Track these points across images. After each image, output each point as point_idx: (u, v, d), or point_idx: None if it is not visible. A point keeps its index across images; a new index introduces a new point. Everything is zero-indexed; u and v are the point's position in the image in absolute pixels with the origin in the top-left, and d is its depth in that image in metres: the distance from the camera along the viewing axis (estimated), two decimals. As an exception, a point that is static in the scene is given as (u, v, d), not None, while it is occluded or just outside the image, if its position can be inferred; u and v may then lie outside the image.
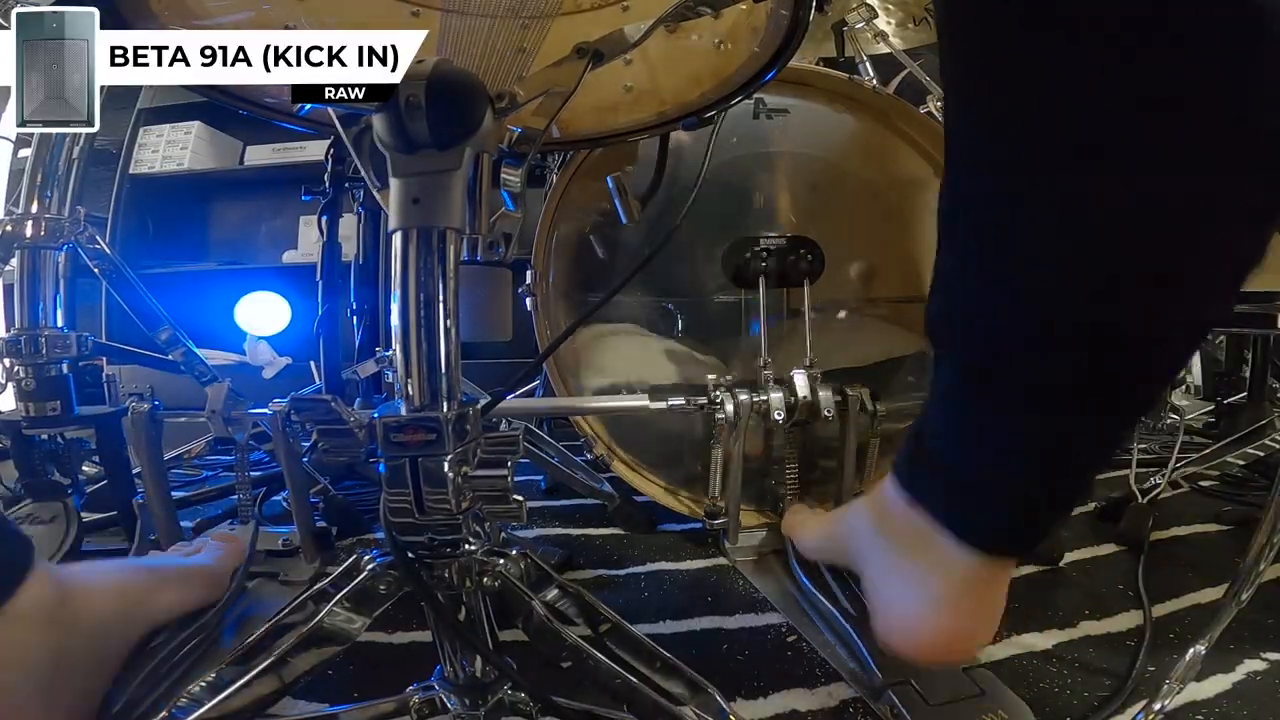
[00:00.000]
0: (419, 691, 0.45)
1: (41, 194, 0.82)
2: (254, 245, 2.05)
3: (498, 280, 0.62)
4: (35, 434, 0.83)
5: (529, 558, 0.49)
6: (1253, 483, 0.99)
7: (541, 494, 1.04)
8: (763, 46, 0.54)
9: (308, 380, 1.24)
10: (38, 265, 0.82)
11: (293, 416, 0.67)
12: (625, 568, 0.78)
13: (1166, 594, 0.68)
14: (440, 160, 0.39)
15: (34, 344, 0.80)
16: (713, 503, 0.81)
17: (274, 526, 0.77)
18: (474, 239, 0.43)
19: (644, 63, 0.58)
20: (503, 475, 0.40)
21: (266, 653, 0.43)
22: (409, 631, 0.61)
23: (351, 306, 1.08)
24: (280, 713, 0.47)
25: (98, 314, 1.64)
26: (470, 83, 0.39)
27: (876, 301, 0.89)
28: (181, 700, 0.44)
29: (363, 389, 1.06)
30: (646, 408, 0.78)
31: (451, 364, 0.40)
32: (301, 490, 0.73)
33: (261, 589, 0.71)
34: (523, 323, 0.82)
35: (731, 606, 0.69)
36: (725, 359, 0.88)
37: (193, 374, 0.92)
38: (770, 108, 0.86)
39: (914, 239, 0.89)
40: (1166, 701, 0.49)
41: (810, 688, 0.55)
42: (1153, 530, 0.81)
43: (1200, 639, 0.50)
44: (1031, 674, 0.56)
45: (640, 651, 0.47)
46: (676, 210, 0.77)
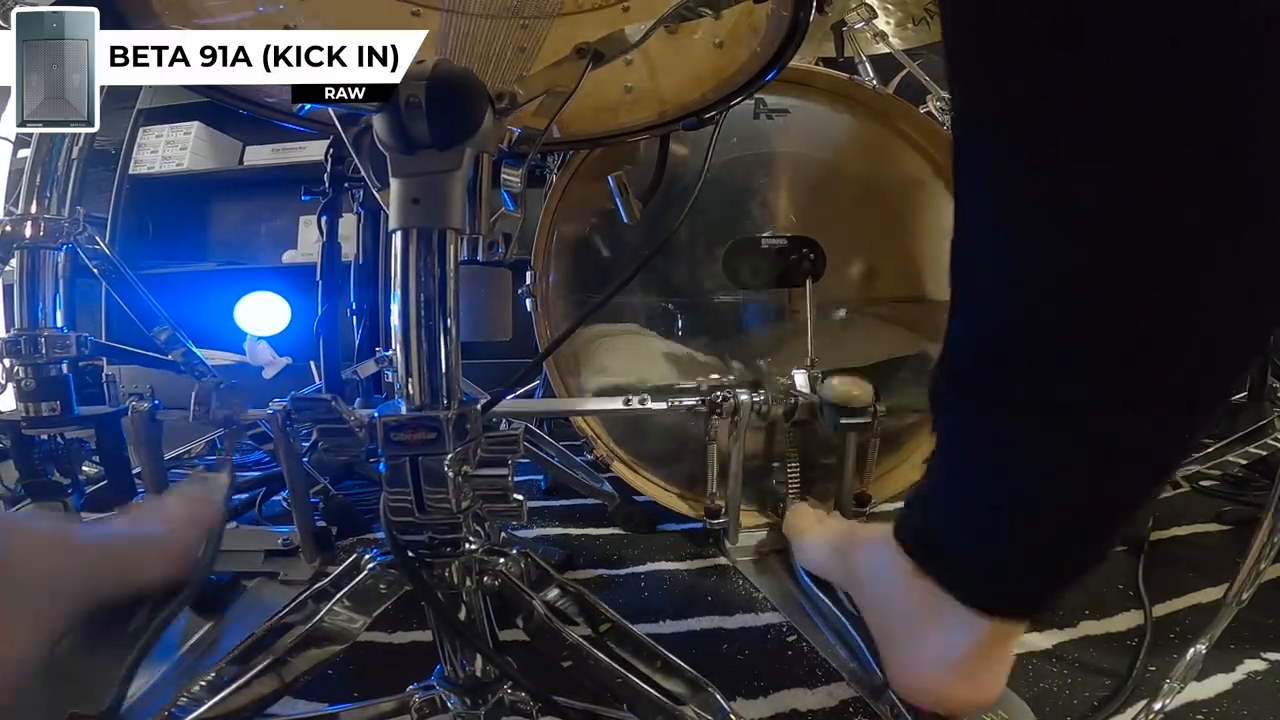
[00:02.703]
0: (419, 691, 0.45)
1: (41, 194, 0.82)
2: (254, 245, 2.05)
3: (498, 280, 0.62)
4: (35, 434, 0.83)
5: (529, 557, 0.49)
6: (1253, 483, 0.99)
7: (541, 494, 1.04)
8: (763, 47, 0.54)
9: (308, 380, 1.23)
10: (37, 266, 0.82)
11: (293, 416, 0.67)
12: (625, 568, 0.78)
13: (1166, 594, 0.68)
14: (440, 160, 0.39)
15: (34, 344, 0.80)
16: (712, 501, 0.81)
17: (274, 526, 0.77)
18: (474, 239, 0.43)
19: (644, 63, 0.58)
20: (503, 475, 0.40)
21: (266, 652, 0.43)
22: (409, 631, 0.61)
23: (351, 306, 1.08)
24: (280, 712, 0.47)
25: (98, 314, 1.64)
26: (470, 83, 0.39)
27: (877, 301, 0.89)
28: (181, 700, 0.44)
29: (363, 389, 1.06)
30: (646, 408, 0.78)
31: (451, 364, 0.40)
32: (301, 490, 0.73)
33: (261, 589, 0.71)
34: (523, 323, 0.82)
35: (731, 606, 0.69)
36: (725, 359, 0.88)
37: (193, 374, 0.92)
38: (771, 108, 0.86)
39: (914, 239, 0.89)
40: (1166, 701, 0.49)
41: (810, 687, 0.55)
42: (1153, 530, 0.81)
43: (1200, 639, 0.50)
44: (1032, 674, 0.56)
45: (640, 651, 0.47)
46: (677, 210, 0.77)
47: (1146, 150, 0.29)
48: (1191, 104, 0.27)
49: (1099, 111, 0.29)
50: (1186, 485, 1.01)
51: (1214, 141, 0.28)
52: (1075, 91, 0.29)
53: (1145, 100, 0.28)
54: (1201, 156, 0.28)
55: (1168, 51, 0.27)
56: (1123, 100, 0.28)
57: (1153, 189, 0.29)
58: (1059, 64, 0.29)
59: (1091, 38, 0.28)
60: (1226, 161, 0.28)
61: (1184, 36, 0.27)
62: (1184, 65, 0.27)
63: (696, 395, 0.79)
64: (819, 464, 0.87)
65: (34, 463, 0.84)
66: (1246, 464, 0.95)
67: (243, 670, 0.43)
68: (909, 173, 0.88)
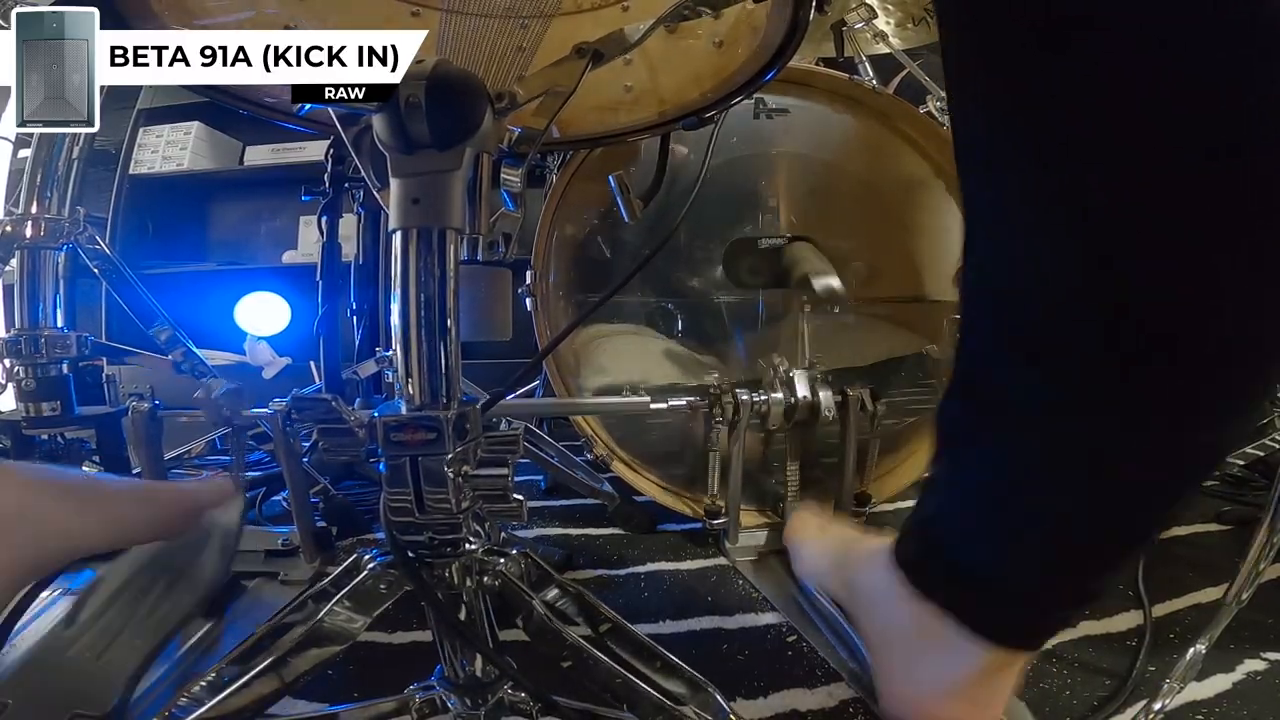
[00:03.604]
0: (419, 691, 0.45)
1: (41, 194, 0.82)
2: (254, 245, 2.05)
3: (498, 280, 0.62)
4: (35, 434, 0.83)
5: (529, 557, 0.49)
6: (1253, 483, 0.99)
7: (541, 494, 1.04)
8: (763, 46, 0.54)
9: (308, 380, 1.23)
10: (38, 266, 0.82)
11: (293, 416, 0.67)
12: (625, 568, 0.78)
13: (1166, 594, 0.68)
14: (440, 160, 0.39)
15: (34, 344, 0.80)
16: (712, 502, 0.81)
17: (274, 526, 0.77)
18: (474, 239, 0.43)
19: (644, 63, 0.58)
20: (503, 475, 0.40)
21: (266, 652, 0.43)
22: (409, 631, 0.61)
23: (351, 306, 1.08)
24: (280, 713, 0.47)
25: (98, 314, 1.64)
26: (470, 83, 0.39)
27: (876, 301, 0.89)
28: (181, 700, 0.43)
29: (363, 389, 1.06)
30: (646, 408, 0.78)
31: (451, 364, 0.40)
32: (301, 490, 0.73)
33: (261, 589, 0.71)
34: (523, 323, 0.82)
35: (731, 606, 0.69)
36: (725, 359, 0.88)
37: (193, 374, 0.92)
38: (770, 107, 0.86)
39: (914, 239, 0.89)
40: (1166, 701, 0.49)
41: (810, 688, 0.55)
42: (1153, 530, 0.81)
43: (1200, 639, 0.50)
44: (1031, 674, 0.56)
45: (640, 651, 0.47)
46: (677, 210, 0.77)
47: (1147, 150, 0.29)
48: (1194, 105, 0.27)
49: (1096, 112, 0.29)
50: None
51: (1224, 141, 0.27)
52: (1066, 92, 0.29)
53: (1138, 101, 0.28)
54: (1210, 156, 0.28)
55: (1157, 53, 0.27)
56: (1117, 101, 0.28)
57: (1160, 189, 0.29)
58: (1046, 65, 0.29)
59: (1079, 39, 0.28)
60: (1236, 160, 0.28)
61: (1177, 38, 0.27)
62: (1175, 66, 0.27)
63: (696, 395, 0.79)
64: (819, 464, 0.87)
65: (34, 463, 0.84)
66: (1246, 464, 0.95)
67: (243, 670, 0.43)
68: (909, 173, 0.89)
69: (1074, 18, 0.28)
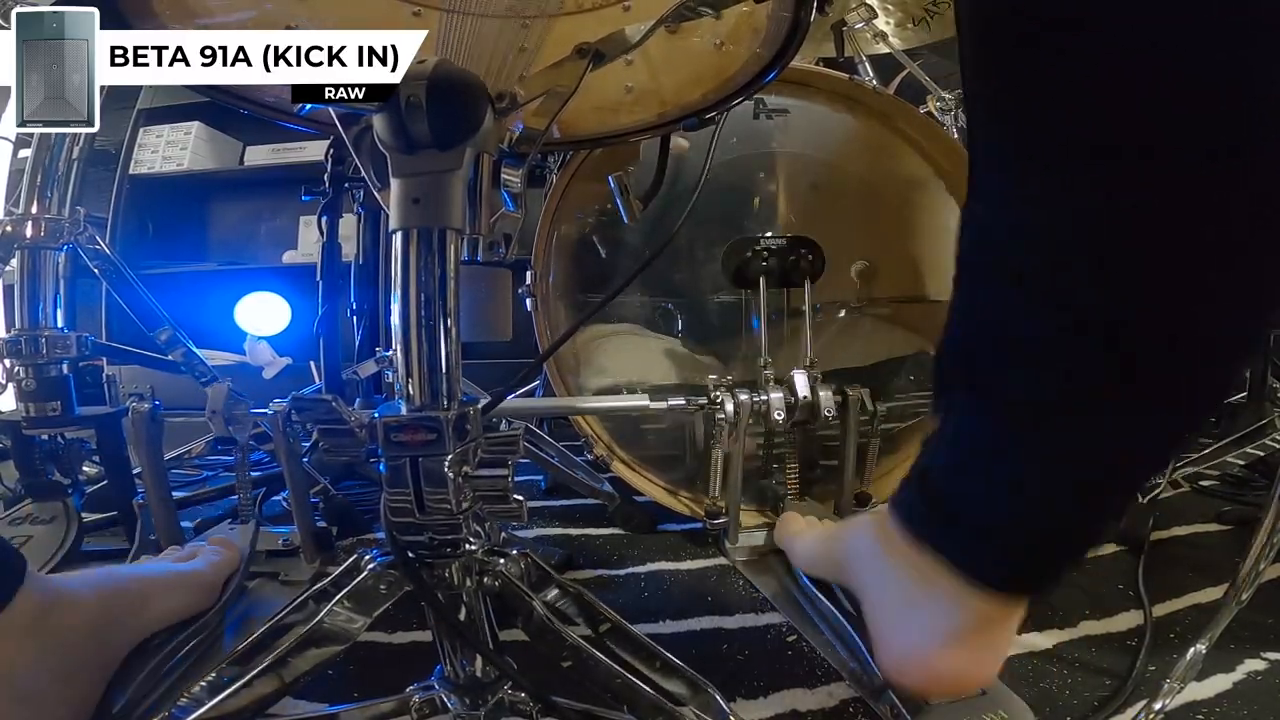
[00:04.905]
0: (419, 691, 0.45)
1: (41, 194, 0.82)
2: (254, 245, 2.05)
3: (498, 280, 0.62)
4: (35, 434, 0.83)
5: (529, 558, 0.49)
6: (1253, 483, 0.99)
7: (541, 494, 1.04)
8: (764, 47, 0.54)
9: (308, 380, 1.24)
10: (38, 266, 0.82)
11: (293, 416, 0.67)
12: (625, 568, 0.78)
13: (1166, 594, 0.68)
14: (441, 160, 0.39)
15: (34, 344, 0.80)
16: (713, 502, 0.81)
17: (274, 526, 0.77)
18: (474, 239, 0.43)
19: (645, 63, 0.58)
20: (503, 475, 0.40)
21: (266, 653, 0.43)
22: (409, 631, 0.61)
23: (351, 306, 1.08)
24: (280, 713, 0.47)
25: (98, 314, 1.64)
26: (471, 83, 0.39)
27: (877, 301, 0.89)
28: (181, 700, 0.44)
29: (363, 389, 1.06)
30: (646, 408, 0.78)
31: (451, 364, 0.40)
32: (301, 490, 0.73)
33: (261, 589, 0.71)
34: (523, 323, 0.82)
35: (731, 606, 0.69)
36: (725, 359, 0.88)
37: (193, 374, 0.92)
38: (771, 108, 0.86)
39: (914, 239, 0.89)
40: (1166, 701, 0.49)
41: (810, 688, 0.55)
42: (1153, 530, 0.81)
43: (1200, 639, 0.50)
44: (1032, 674, 0.56)
45: (640, 651, 0.47)
46: (677, 211, 0.77)
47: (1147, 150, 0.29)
48: (1194, 105, 0.27)
49: (1096, 112, 0.29)
50: (1186, 485, 1.01)
51: (1224, 141, 0.28)
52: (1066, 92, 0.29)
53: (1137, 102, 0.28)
54: (1210, 157, 0.28)
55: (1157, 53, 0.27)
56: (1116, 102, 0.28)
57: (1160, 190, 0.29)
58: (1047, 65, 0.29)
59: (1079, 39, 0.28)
60: (1236, 160, 0.28)
61: (1177, 38, 0.27)
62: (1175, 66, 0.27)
63: (696, 395, 0.79)
64: (819, 464, 0.87)
65: (34, 463, 0.84)
66: (1246, 464, 0.95)
67: (243, 670, 0.43)
68: (909, 173, 0.88)
69: (1075, 18, 0.28)
